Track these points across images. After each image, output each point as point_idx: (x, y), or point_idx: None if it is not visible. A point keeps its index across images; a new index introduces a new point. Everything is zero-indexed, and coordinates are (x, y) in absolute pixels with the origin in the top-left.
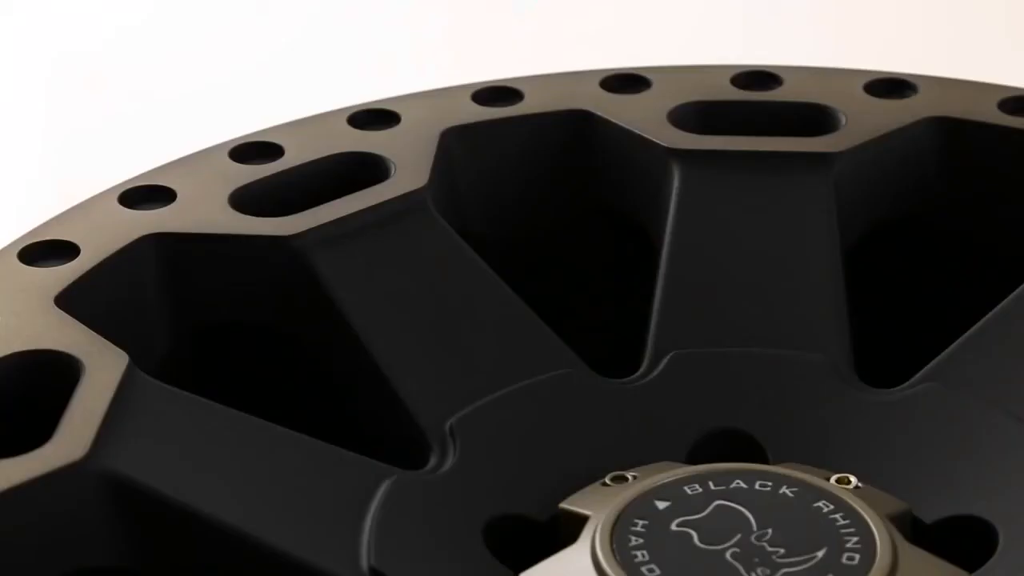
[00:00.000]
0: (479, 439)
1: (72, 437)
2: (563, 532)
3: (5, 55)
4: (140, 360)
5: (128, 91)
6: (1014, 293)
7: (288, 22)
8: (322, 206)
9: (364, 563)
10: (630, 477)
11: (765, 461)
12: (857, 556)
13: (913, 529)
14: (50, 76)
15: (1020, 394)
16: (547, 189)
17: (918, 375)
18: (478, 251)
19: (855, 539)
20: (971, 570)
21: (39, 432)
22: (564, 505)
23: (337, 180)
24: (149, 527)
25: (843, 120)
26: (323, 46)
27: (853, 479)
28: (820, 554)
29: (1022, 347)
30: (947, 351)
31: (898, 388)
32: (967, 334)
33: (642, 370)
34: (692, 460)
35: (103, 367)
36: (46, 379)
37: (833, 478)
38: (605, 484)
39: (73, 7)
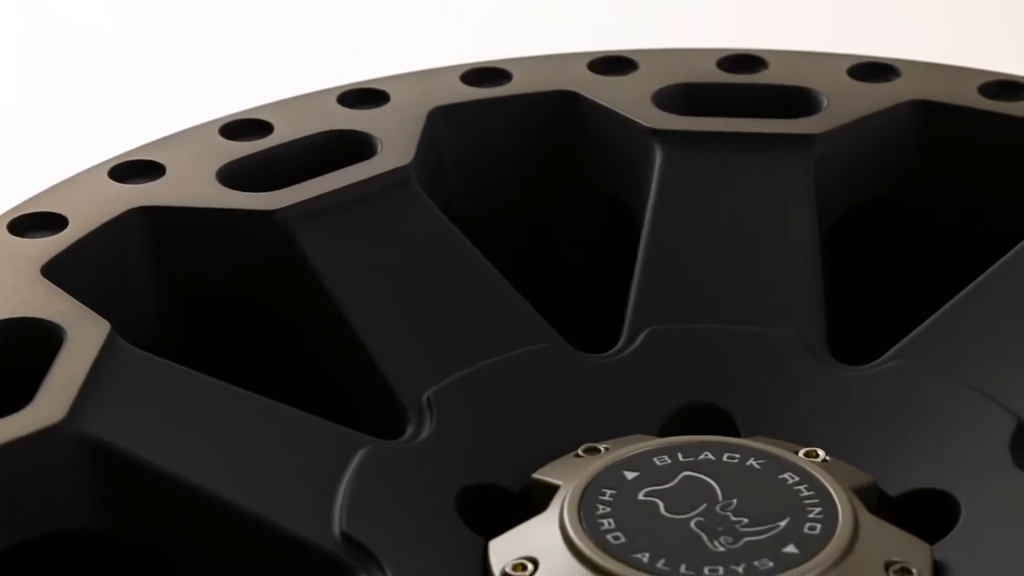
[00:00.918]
0: (456, 411)
1: (51, 401)
2: (535, 501)
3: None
4: (127, 330)
5: (126, 75)
6: (985, 274)
7: (285, 6)
8: (307, 182)
9: (336, 529)
10: (602, 449)
11: (737, 435)
12: (819, 526)
13: (879, 502)
14: (50, 65)
15: (986, 371)
16: (533, 168)
17: (889, 353)
18: (463, 228)
19: (818, 510)
20: (934, 541)
21: (23, 397)
22: (536, 475)
23: (324, 157)
24: (126, 491)
25: (825, 103)
26: (318, 29)
27: (821, 453)
28: (783, 524)
29: (989, 326)
30: (918, 330)
31: (869, 365)
32: (937, 313)
33: (619, 345)
34: (665, 434)
35: (85, 334)
36: (30, 346)
37: (801, 452)
38: (577, 455)
39: None
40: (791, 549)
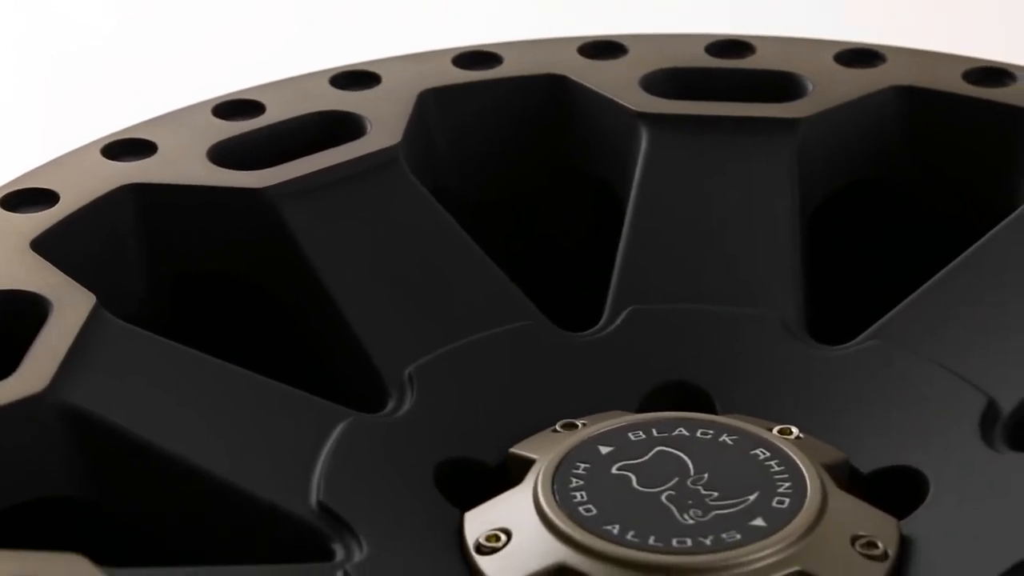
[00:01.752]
0: (437, 386)
1: (34, 371)
2: (512, 475)
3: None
4: (116, 305)
5: (125, 74)
6: (959, 258)
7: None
8: (295, 161)
9: (313, 499)
10: (579, 424)
11: (714, 413)
12: (787, 500)
13: (850, 478)
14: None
15: (958, 352)
16: (521, 150)
17: (864, 333)
18: (452, 209)
19: (787, 484)
20: (904, 517)
21: (9, 368)
22: (513, 450)
23: (314, 137)
24: (108, 460)
25: (810, 87)
26: (315, 16)
27: (795, 430)
28: (752, 498)
29: (961, 308)
30: (893, 311)
31: (845, 345)
32: (912, 296)
33: (600, 324)
34: (644, 411)
35: (70, 306)
36: (17, 318)
37: (775, 429)
38: (555, 431)
39: None
40: (759, 522)
